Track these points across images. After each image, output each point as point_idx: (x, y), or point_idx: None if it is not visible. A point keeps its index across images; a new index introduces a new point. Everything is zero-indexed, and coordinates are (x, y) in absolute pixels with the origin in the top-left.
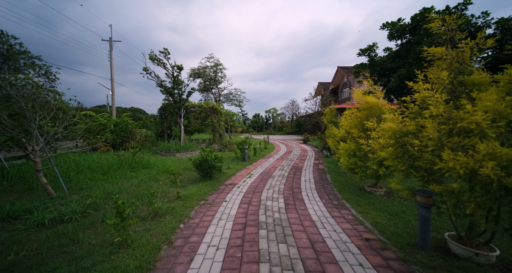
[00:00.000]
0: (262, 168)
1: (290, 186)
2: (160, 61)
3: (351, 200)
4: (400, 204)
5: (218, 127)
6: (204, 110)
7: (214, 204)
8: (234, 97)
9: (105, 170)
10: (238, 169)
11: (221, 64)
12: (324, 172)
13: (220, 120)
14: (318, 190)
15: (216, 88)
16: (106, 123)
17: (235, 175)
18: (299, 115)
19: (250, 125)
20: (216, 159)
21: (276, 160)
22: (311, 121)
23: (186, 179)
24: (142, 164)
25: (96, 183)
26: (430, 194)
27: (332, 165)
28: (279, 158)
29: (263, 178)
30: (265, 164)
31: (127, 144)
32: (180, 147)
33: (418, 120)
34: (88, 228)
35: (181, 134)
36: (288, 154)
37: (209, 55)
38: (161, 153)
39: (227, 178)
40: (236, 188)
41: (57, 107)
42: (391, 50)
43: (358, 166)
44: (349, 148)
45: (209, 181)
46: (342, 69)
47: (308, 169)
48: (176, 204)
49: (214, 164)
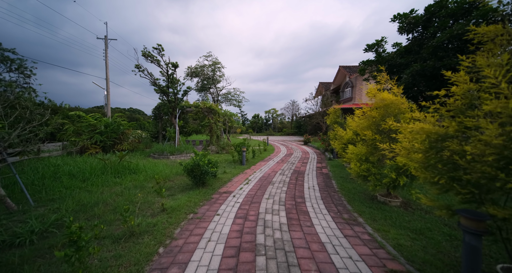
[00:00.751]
0: (261, 173)
1: (292, 195)
2: (153, 58)
3: (363, 212)
4: (422, 218)
5: (216, 129)
6: (201, 110)
7: (204, 219)
8: (233, 97)
9: (86, 176)
10: (235, 173)
11: (219, 63)
12: (328, 177)
13: (217, 121)
14: (325, 200)
15: (214, 88)
16: (96, 124)
17: (231, 181)
18: (299, 116)
19: (250, 126)
20: (210, 163)
21: (276, 163)
22: (311, 122)
23: (177, 185)
24: (129, 169)
25: (71, 192)
26: (482, 217)
27: (337, 169)
28: (279, 161)
29: (262, 184)
30: (265, 167)
31: (119, 146)
32: (174, 149)
33: (462, 120)
34: (42, 255)
35: (175, 135)
36: (289, 157)
37: (207, 54)
38: (154, 155)
39: (222, 184)
40: (231, 197)
41: (24, 105)
42: (400, 45)
43: (371, 173)
44: (360, 151)
45: (201, 189)
46: (344, 69)
47: (311, 173)
48: (159, 219)
49: (207, 170)
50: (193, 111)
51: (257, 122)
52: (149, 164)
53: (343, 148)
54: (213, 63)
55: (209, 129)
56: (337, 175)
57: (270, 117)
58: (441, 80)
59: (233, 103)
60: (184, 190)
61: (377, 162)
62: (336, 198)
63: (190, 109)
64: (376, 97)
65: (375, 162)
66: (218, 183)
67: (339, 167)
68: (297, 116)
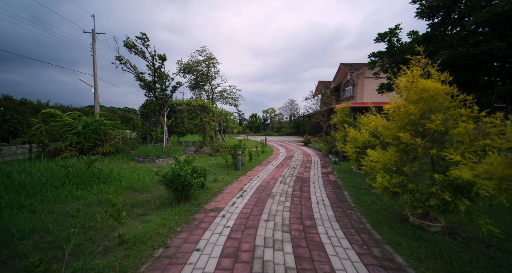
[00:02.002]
0: (258, 180)
1: (298, 214)
2: (137, 50)
3: (399, 246)
4: (484, 254)
5: (209, 129)
6: (193, 108)
7: (177, 258)
8: (229, 95)
9: (36, 189)
10: (228, 181)
11: (214, 58)
12: (338, 187)
13: (211, 120)
14: (341, 221)
15: (209, 85)
16: (72, 124)
17: (222, 192)
18: (298, 115)
19: (247, 126)
20: (196, 172)
21: (275, 168)
22: (311, 121)
23: (155, 199)
24: (100, 177)
25: (5, 214)
26: None
27: (346, 175)
28: (279, 165)
29: (260, 197)
30: (263, 173)
31: (100, 148)
32: (161, 152)
33: None
34: None
35: (163, 136)
36: (289, 159)
37: (200, 48)
38: (138, 159)
39: (211, 197)
40: (219, 218)
41: None
42: (417, 34)
43: (407, 189)
44: (389, 159)
45: (184, 204)
46: (345, 66)
47: (317, 181)
48: (110, 260)
49: (190, 181)
50: (184, 110)
51: (255, 122)
52: (127, 170)
53: (357, 152)
54: (207, 58)
55: (202, 129)
56: (347, 184)
57: (268, 117)
58: (474, 71)
59: (229, 102)
60: (161, 206)
61: (413, 174)
62: (355, 219)
63: (181, 107)
64: (413, 88)
65: (411, 174)
66: (205, 195)
67: (347, 172)
68: (296, 116)
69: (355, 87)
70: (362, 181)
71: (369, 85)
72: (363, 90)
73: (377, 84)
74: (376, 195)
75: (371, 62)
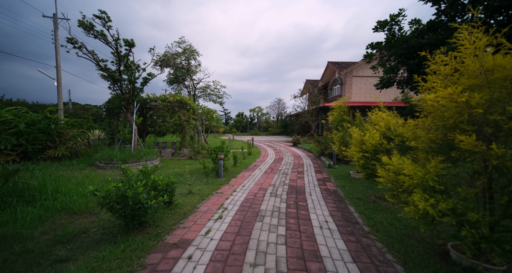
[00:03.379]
0: (243, 192)
1: (299, 250)
2: (97, 32)
3: None
4: None
5: (189, 128)
6: (169, 105)
7: None
8: (213, 91)
9: None
10: (205, 194)
11: (195, 51)
12: (340, 199)
13: (191, 118)
14: (359, 261)
15: (190, 80)
16: (11, 121)
17: (195, 212)
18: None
19: (233, 125)
20: (156, 189)
21: (264, 174)
22: (299, 121)
23: (98, 225)
24: (25, 195)
25: None
26: None
27: (345, 182)
28: (267, 170)
29: (245, 219)
30: (249, 181)
31: (52, 151)
32: (129, 155)
33: None
34: None
35: (132, 137)
36: (279, 163)
37: (179, 39)
38: (99, 164)
39: (178, 220)
40: (182, 263)
41: None
42: (419, 22)
43: (464, 220)
44: (428, 173)
45: (135, 236)
46: (333, 65)
47: (314, 191)
48: None
49: (145, 203)
50: (159, 106)
51: (241, 121)
52: (75, 182)
53: (365, 157)
54: (185, 50)
55: (180, 128)
56: (350, 194)
57: (255, 116)
58: None
59: (212, 99)
60: (101, 240)
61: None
62: (377, 255)
63: (156, 103)
64: (469, 67)
65: (470, 197)
66: (172, 218)
67: (346, 178)
68: (283, 115)
69: (343, 86)
70: (365, 190)
71: (357, 84)
72: (351, 89)
73: (365, 83)
74: (389, 210)
75: (367, 55)
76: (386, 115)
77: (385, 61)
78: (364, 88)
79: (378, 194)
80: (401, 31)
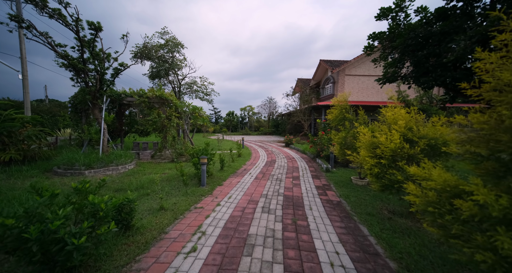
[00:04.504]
0: (229, 206)
1: None
2: (54, 11)
3: None
4: None
5: (170, 126)
6: (147, 101)
7: None
8: (199, 88)
9: None
10: (181, 210)
11: (180, 44)
12: (347, 215)
13: (174, 116)
14: None
15: (175, 75)
16: None
17: (160, 242)
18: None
19: (224, 124)
20: (97, 217)
21: (254, 180)
22: (291, 120)
23: None
24: None
25: None
26: None
27: (349, 191)
28: (259, 175)
29: (228, 253)
30: (237, 191)
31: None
32: (96, 159)
33: None
34: None
35: (101, 137)
36: (271, 166)
37: (161, 30)
38: (58, 170)
39: (134, 256)
40: None
41: None
42: (426, 10)
43: None
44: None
45: None
46: (325, 63)
47: (315, 205)
48: None
49: (69, 242)
50: (135, 102)
51: (232, 120)
52: (4, 198)
53: (381, 165)
54: (167, 41)
55: (161, 127)
56: (358, 208)
57: (246, 115)
58: None
59: (199, 96)
60: None
61: None
62: None
63: (132, 98)
64: None
65: None
66: (124, 252)
67: (348, 186)
68: (274, 114)
69: (335, 85)
70: (373, 200)
71: (350, 83)
72: (343, 88)
73: (357, 82)
74: (412, 233)
75: (368, 46)
76: (405, 113)
77: (387, 54)
78: (357, 87)
79: (390, 207)
80: (407, 19)
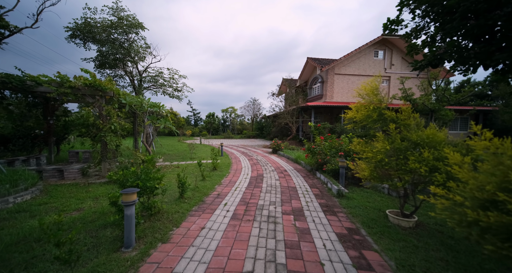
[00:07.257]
0: None
1: None
2: None
3: None
4: None
5: (108, 131)
6: (71, 92)
7: None
8: (167, 81)
9: None
10: None
11: (139, 24)
12: None
13: (114, 115)
14: None
15: (133, 65)
16: None
17: None
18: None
19: (204, 127)
20: None
21: (230, 223)
22: (278, 122)
23: None
24: None
25: None
26: None
27: (398, 244)
28: (238, 209)
29: None
30: (195, 255)
31: None
32: None
33: None
34: None
35: None
36: (257, 187)
37: (113, 4)
38: None
39: None
40: None
41: None
42: None
43: None
44: None
45: None
46: (313, 61)
47: None
48: None
49: None
50: (52, 95)
51: (213, 123)
52: None
53: None
54: (120, 19)
55: (94, 132)
56: None
57: (228, 117)
58: None
59: (167, 92)
60: None
61: None
62: None
63: (45, 88)
64: None
65: None
66: None
67: (383, 228)
68: (259, 117)
69: (324, 84)
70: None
71: (339, 83)
72: (333, 88)
73: (347, 82)
74: None
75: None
76: None
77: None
78: (347, 87)
79: None
80: None
